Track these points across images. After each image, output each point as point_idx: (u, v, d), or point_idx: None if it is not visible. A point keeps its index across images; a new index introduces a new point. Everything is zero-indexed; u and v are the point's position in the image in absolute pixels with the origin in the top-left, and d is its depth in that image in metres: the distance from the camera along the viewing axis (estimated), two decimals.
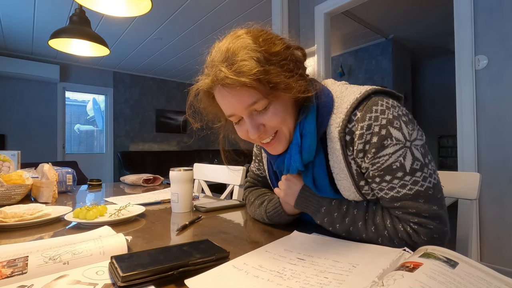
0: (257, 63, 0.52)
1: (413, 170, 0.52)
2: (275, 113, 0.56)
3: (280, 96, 0.56)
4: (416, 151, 0.53)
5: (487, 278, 0.35)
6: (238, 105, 0.55)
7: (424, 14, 3.53)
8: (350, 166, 0.57)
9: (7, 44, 3.93)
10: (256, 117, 0.57)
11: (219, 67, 0.53)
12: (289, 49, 0.58)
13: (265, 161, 0.78)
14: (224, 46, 0.55)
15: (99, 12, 1.24)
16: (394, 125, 0.53)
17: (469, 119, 1.92)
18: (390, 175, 0.53)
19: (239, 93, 0.54)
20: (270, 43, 0.55)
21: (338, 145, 0.57)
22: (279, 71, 0.54)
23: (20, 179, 1.02)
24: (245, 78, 0.51)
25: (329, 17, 2.63)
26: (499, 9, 1.82)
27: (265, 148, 0.64)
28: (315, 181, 0.62)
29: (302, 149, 0.59)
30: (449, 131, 4.88)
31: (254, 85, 0.51)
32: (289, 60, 0.56)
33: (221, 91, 0.56)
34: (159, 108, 5.74)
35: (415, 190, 0.52)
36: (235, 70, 0.51)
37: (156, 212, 0.87)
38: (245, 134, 0.61)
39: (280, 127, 0.58)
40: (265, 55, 0.53)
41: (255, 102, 0.54)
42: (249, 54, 0.52)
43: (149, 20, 3.25)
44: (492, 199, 1.85)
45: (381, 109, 0.54)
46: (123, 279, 0.37)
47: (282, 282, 0.39)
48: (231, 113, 0.58)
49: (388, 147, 0.52)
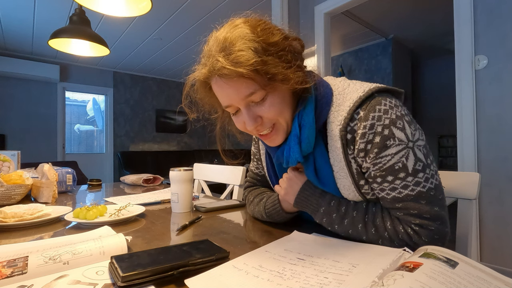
0: (255, 53, 0.51)
1: (415, 171, 0.52)
2: (272, 104, 0.56)
3: (278, 87, 0.55)
4: (418, 151, 0.53)
5: (487, 278, 0.35)
6: (235, 96, 0.55)
7: (424, 14, 3.53)
8: (350, 165, 0.57)
9: (7, 44, 3.93)
10: (253, 108, 0.57)
11: (216, 57, 0.53)
12: (287, 40, 0.57)
13: (264, 159, 0.77)
14: (222, 35, 0.54)
15: (99, 12, 1.24)
16: (397, 125, 0.52)
17: (469, 119, 1.92)
18: (392, 176, 0.53)
19: (236, 83, 0.53)
20: (268, 33, 0.54)
21: (339, 143, 0.56)
22: (276, 61, 0.53)
23: (20, 179, 1.02)
24: (242, 68, 0.50)
25: (329, 17, 2.63)
26: (499, 9, 1.82)
27: (263, 140, 0.64)
28: (317, 173, 0.61)
29: (301, 140, 0.58)
30: (449, 131, 4.89)
31: (251, 76, 0.51)
32: (287, 51, 0.55)
33: (218, 82, 0.55)
34: (159, 108, 5.74)
35: (417, 191, 0.52)
36: (232, 60, 0.51)
37: (156, 212, 0.87)
38: (242, 126, 0.61)
39: (277, 118, 0.58)
40: (263, 45, 0.52)
41: (252, 93, 0.54)
42: (246, 44, 0.52)
43: (149, 20, 3.25)
44: (492, 199, 1.85)
45: (384, 109, 0.53)
46: (123, 279, 0.37)
47: (282, 282, 0.39)
48: (228, 104, 0.58)
49: (390, 147, 0.52)
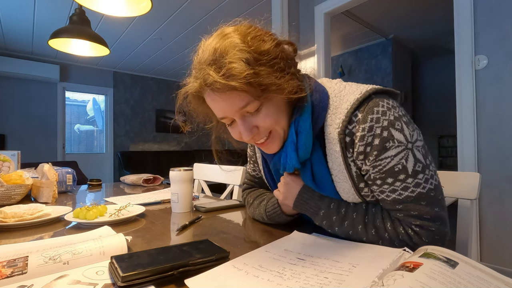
0: (247, 64, 0.50)
1: (415, 172, 0.52)
2: (267, 114, 0.55)
3: (272, 97, 0.54)
4: (417, 152, 0.52)
5: (487, 278, 0.35)
6: (229, 108, 0.54)
7: (424, 14, 3.53)
8: (349, 168, 0.56)
9: (7, 44, 3.93)
10: (249, 118, 0.56)
11: (207, 70, 0.51)
12: (279, 46, 0.56)
13: (260, 161, 0.77)
14: (211, 46, 0.53)
15: (99, 12, 1.24)
16: (396, 127, 0.52)
17: (469, 119, 1.92)
18: (392, 178, 0.53)
19: (230, 96, 0.52)
20: (260, 41, 0.53)
21: (338, 147, 0.56)
22: (269, 71, 0.52)
23: (20, 179, 1.02)
24: (235, 82, 0.49)
25: (329, 17, 2.63)
26: (499, 9, 1.82)
27: (260, 148, 0.64)
28: (315, 178, 0.61)
29: (298, 146, 0.58)
30: (449, 131, 4.88)
31: (244, 89, 0.50)
32: (280, 58, 0.54)
33: (210, 95, 0.55)
34: (159, 108, 5.74)
35: (417, 193, 0.52)
36: (224, 74, 0.49)
37: (156, 212, 0.87)
38: (238, 136, 0.60)
39: (273, 127, 0.57)
40: (254, 56, 0.51)
41: (247, 104, 0.53)
42: (237, 55, 0.50)
43: (149, 20, 3.25)
44: (492, 199, 1.85)
45: (382, 110, 0.53)
46: (123, 279, 0.37)
47: (282, 282, 0.39)
48: (222, 116, 0.57)
49: (390, 149, 0.52)
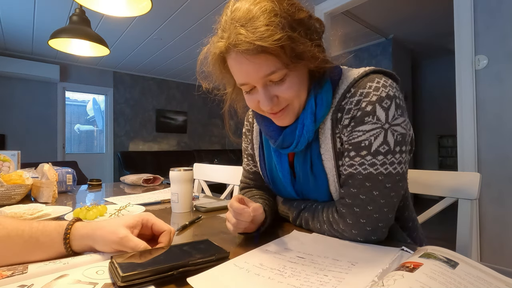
0: (282, 28, 0.47)
1: (376, 151, 0.51)
2: (290, 85, 0.53)
3: (298, 67, 0.53)
4: (390, 135, 0.51)
5: (487, 278, 0.35)
6: (254, 73, 0.51)
7: (424, 14, 3.53)
8: (335, 145, 0.56)
9: (7, 44, 3.93)
10: (271, 88, 0.54)
11: (238, 29, 0.48)
12: (311, 19, 0.54)
13: (256, 135, 0.74)
14: (245, 6, 0.50)
15: (99, 12, 1.24)
16: (383, 104, 0.51)
17: (469, 119, 1.92)
18: (355, 152, 0.53)
19: (258, 60, 0.49)
20: (296, 9, 0.51)
21: (329, 124, 0.56)
22: (304, 39, 0.50)
23: (20, 179, 1.02)
24: (268, 43, 0.46)
25: (329, 17, 2.63)
26: (499, 9, 1.82)
27: (273, 118, 0.60)
28: (312, 168, 0.60)
29: (316, 118, 0.56)
30: (449, 131, 4.88)
31: (276, 52, 0.47)
32: (313, 30, 0.53)
33: (237, 57, 0.51)
34: (159, 108, 5.74)
35: (368, 172, 0.51)
36: (256, 34, 0.47)
37: (156, 212, 0.87)
38: (255, 105, 0.57)
39: (292, 100, 0.55)
40: (289, 21, 0.49)
41: (273, 72, 0.50)
42: (272, 19, 0.48)
43: (149, 20, 3.25)
44: (492, 199, 1.85)
45: (375, 86, 0.52)
46: (123, 279, 0.37)
47: (283, 280, 0.39)
48: (244, 81, 0.54)
49: (366, 123, 0.52)
